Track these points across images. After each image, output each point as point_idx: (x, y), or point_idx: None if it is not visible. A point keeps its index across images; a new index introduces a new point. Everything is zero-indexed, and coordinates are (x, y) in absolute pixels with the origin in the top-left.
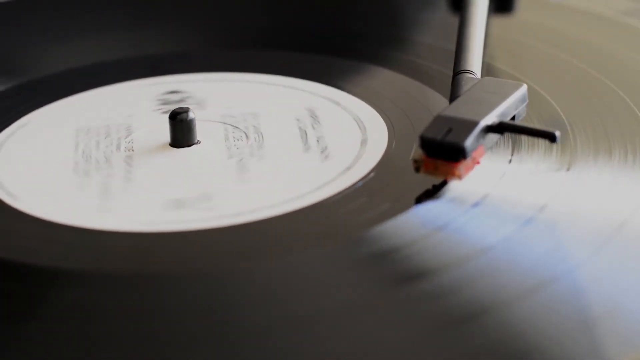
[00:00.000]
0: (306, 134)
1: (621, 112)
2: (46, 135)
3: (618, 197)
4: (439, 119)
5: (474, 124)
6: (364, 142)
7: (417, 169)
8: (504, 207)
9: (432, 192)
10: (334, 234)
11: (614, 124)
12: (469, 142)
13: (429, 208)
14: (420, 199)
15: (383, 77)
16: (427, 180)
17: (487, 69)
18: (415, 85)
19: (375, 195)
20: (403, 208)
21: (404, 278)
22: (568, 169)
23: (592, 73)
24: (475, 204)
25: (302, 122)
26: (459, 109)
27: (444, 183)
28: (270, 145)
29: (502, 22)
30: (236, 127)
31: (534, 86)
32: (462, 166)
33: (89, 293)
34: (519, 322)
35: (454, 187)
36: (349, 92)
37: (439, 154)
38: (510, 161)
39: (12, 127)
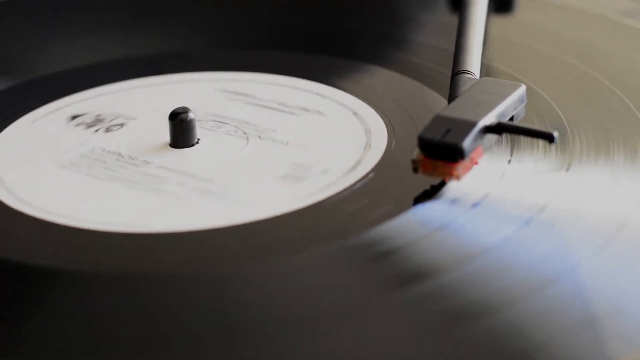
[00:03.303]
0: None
1: (620, 112)
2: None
3: (617, 197)
4: (438, 119)
5: (472, 124)
6: (363, 142)
7: (416, 170)
8: (503, 207)
9: (432, 193)
10: (334, 235)
11: (613, 124)
12: (467, 143)
13: (428, 209)
14: (419, 200)
15: (382, 77)
16: (427, 181)
17: (486, 69)
18: (414, 86)
19: (375, 195)
20: (402, 209)
21: (403, 279)
22: (567, 169)
23: (591, 73)
24: (475, 205)
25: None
26: (458, 109)
27: (442, 184)
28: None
29: (501, 22)
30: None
31: (533, 86)
32: (460, 167)
33: (87, 293)
34: (519, 322)
35: (454, 187)
36: (348, 91)
37: (437, 154)
38: (509, 162)
39: (12, 126)
